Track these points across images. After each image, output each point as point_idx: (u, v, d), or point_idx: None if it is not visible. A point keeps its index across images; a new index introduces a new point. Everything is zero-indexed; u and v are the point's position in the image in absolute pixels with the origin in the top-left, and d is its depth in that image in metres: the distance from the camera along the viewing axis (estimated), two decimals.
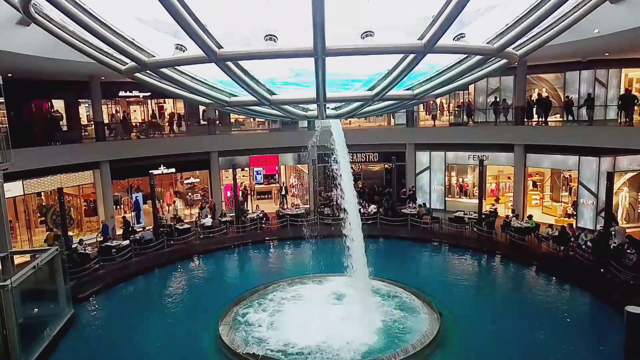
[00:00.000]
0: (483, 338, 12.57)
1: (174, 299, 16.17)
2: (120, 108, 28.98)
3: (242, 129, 28.33)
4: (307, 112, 9.87)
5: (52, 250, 13.75)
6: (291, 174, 29.67)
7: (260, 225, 22.75)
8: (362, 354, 11.56)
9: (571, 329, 13.10)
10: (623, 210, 20.79)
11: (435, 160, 25.53)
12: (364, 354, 11.58)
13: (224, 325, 13.41)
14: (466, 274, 17.92)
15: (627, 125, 19.10)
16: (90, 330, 14.14)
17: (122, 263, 18.55)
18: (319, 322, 12.88)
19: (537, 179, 25.07)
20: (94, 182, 22.10)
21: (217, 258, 20.17)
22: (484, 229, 20.50)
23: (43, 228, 21.11)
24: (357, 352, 11.66)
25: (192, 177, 27.97)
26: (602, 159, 19.76)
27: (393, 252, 20.48)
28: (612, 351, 10.47)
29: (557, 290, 15.89)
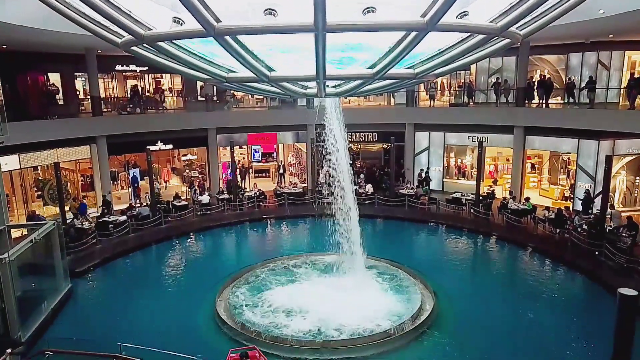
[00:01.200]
0: (477, 316, 12.74)
1: (171, 274, 16.28)
2: (124, 81, 28.65)
3: (240, 107, 28.06)
4: (306, 90, 9.77)
5: (49, 224, 13.76)
6: (289, 153, 29.57)
7: (257, 203, 22.79)
8: (359, 327, 11.78)
9: (564, 310, 13.27)
10: (620, 194, 20.86)
11: (434, 141, 25.44)
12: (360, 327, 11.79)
13: (220, 301, 13.54)
14: (462, 255, 18.06)
15: (628, 109, 18.98)
16: (87, 303, 14.27)
17: (119, 238, 18.62)
18: (315, 299, 13.02)
19: (535, 161, 25.07)
20: (90, 157, 21.98)
21: (214, 235, 20.25)
22: (481, 211, 20.58)
23: (40, 202, 21.10)
24: (353, 324, 11.90)
25: (189, 153, 27.86)
26: (602, 142, 19.71)
27: (390, 232, 20.58)
28: (603, 332, 10.60)
29: (551, 272, 16.05)
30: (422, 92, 26.84)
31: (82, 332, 12.03)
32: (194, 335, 12.04)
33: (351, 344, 11.10)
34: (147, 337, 11.15)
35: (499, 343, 11.50)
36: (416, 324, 11.91)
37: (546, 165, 24.80)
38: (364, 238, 14.31)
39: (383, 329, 11.58)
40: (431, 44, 7.48)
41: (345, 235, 13.82)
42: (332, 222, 14.07)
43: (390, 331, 11.46)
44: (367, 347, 11.06)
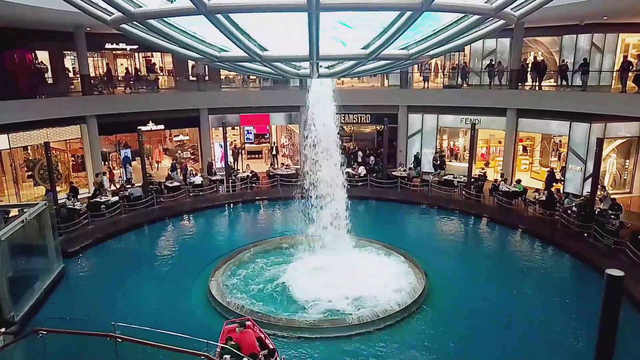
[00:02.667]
0: (466, 296, 12.97)
1: (164, 255, 16.31)
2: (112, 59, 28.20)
3: (232, 87, 27.76)
4: (299, 70, 9.68)
5: (40, 204, 13.66)
6: (282, 134, 29.44)
7: (250, 184, 22.75)
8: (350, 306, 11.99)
9: (551, 290, 13.52)
10: (610, 177, 21.07)
11: (427, 123, 25.42)
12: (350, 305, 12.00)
13: (213, 281, 13.63)
14: (452, 236, 18.25)
15: (620, 92, 19.04)
16: (80, 284, 14.29)
17: (111, 219, 18.57)
18: (308, 277, 13.15)
19: (527, 143, 25.19)
20: (81, 137, 21.73)
21: (207, 216, 20.25)
22: (473, 193, 20.73)
23: (30, 182, 20.92)
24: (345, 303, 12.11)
25: (181, 134, 27.64)
26: (593, 125, 19.81)
27: (382, 214, 20.70)
28: (589, 311, 10.83)
29: (540, 253, 16.30)
30: (415, 74, 26.70)
31: (75, 312, 12.06)
32: (187, 314, 12.14)
33: (335, 324, 11.27)
34: (141, 317, 11.23)
35: (487, 322, 11.71)
36: (407, 304, 12.08)
37: (538, 147, 24.94)
38: (355, 219, 14.40)
39: (371, 311, 11.76)
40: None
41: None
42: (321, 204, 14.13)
43: (377, 314, 11.63)
44: (352, 327, 11.21)
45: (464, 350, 10.57)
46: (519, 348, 10.69)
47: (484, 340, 10.94)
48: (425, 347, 10.66)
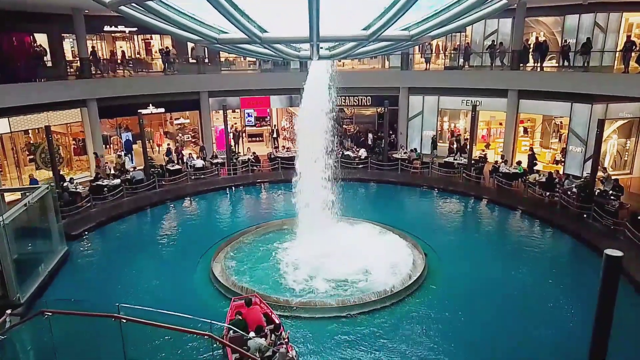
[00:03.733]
0: (465, 276, 13.13)
1: (167, 237, 16.44)
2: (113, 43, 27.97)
3: (232, 69, 27.56)
4: (299, 52, 9.63)
5: (43, 188, 13.74)
6: (283, 117, 29.35)
7: (251, 167, 22.78)
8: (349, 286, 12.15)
9: (550, 270, 13.67)
10: (611, 158, 21.06)
11: (428, 105, 25.31)
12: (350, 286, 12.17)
13: (216, 263, 13.78)
14: (452, 218, 18.35)
15: (623, 72, 18.90)
16: (84, 266, 14.45)
17: (113, 202, 18.67)
18: (308, 259, 13.30)
19: (528, 125, 25.11)
20: (82, 121, 21.70)
21: (208, 199, 20.35)
22: (473, 175, 20.76)
23: (32, 166, 20.96)
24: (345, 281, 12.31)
25: (182, 117, 27.57)
26: (595, 106, 19.73)
27: (382, 196, 20.76)
28: (587, 291, 10.95)
29: (540, 234, 16.41)
30: (417, 55, 26.48)
31: (79, 294, 12.25)
32: (190, 295, 12.32)
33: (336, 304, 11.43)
34: (144, 298, 11.42)
35: (485, 301, 11.87)
36: (406, 285, 12.23)
37: (538, 129, 24.87)
38: (355, 202, 14.47)
39: (371, 290, 11.94)
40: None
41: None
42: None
43: (376, 294, 11.79)
44: (354, 306, 11.38)
45: (463, 328, 10.74)
46: (516, 326, 10.85)
47: (482, 319, 11.11)
48: (425, 324, 10.84)
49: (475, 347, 10.15)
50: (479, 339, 10.42)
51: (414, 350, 9.95)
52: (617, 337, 6.90)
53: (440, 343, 10.22)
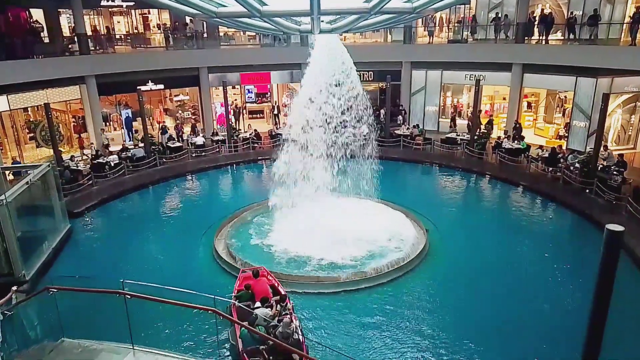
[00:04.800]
0: (466, 251, 13.22)
1: (170, 214, 16.52)
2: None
3: (232, 44, 27.14)
4: (300, 26, 9.45)
5: (44, 166, 13.73)
6: (283, 93, 29.06)
7: (252, 145, 22.69)
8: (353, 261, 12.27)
9: (551, 245, 13.74)
10: (614, 133, 20.89)
11: (431, 80, 24.99)
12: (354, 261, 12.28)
13: (219, 239, 13.86)
14: (454, 194, 18.35)
15: (629, 45, 18.55)
16: (87, 243, 14.56)
17: (115, 180, 18.68)
18: (310, 237, 13.35)
19: (532, 99, 24.84)
20: (81, 98, 21.53)
21: (210, 176, 20.34)
22: (475, 150, 20.65)
23: (33, 144, 20.92)
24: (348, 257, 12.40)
25: (181, 94, 27.32)
26: (600, 80, 19.45)
27: (384, 173, 20.65)
28: (588, 265, 11.02)
29: (541, 209, 16.42)
30: (420, 28, 26.01)
31: (83, 271, 12.37)
32: (194, 272, 12.44)
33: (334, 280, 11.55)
34: (148, 275, 11.52)
35: (486, 276, 11.97)
36: (407, 260, 12.31)
37: (542, 103, 24.61)
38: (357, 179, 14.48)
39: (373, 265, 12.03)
40: None
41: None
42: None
43: (380, 269, 11.88)
44: (355, 282, 11.49)
45: (463, 301, 10.86)
46: (516, 299, 10.97)
47: (483, 293, 11.21)
48: (426, 299, 10.96)
49: (476, 319, 10.28)
50: (479, 311, 10.54)
51: (413, 325, 10.08)
52: (616, 311, 6.95)
53: (441, 316, 10.36)
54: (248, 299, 9.75)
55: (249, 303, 9.68)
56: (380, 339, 9.64)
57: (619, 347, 8.51)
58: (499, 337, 9.78)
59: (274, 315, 9.12)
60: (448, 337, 9.70)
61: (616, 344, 8.29)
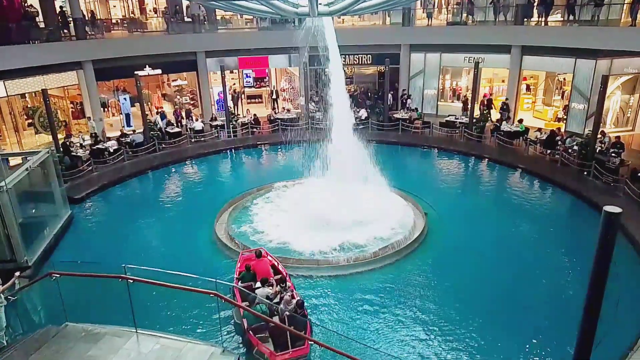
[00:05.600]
0: (464, 234, 13.35)
1: (170, 200, 16.57)
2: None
3: (229, 28, 26.86)
4: (297, 9, 9.38)
5: (43, 152, 13.73)
6: (282, 77, 28.89)
7: (251, 129, 22.64)
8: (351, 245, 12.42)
9: (549, 227, 13.84)
10: (613, 115, 20.86)
11: (429, 63, 24.83)
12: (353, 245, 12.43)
13: (219, 224, 13.94)
14: (453, 177, 18.40)
15: (630, 26, 18.40)
16: (88, 229, 14.64)
17: (114, 166, 18.69)
18: (310, 221, 13.45)
19: (530, 82, 24.74)
20: (78, 84, 21.39)
21: (210, 162, 20.34)
22: (474, 133, 20.64)
23: (31, 130, 20.86)
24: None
25: (179, 79, 27.15)
26: (599, 62, 19.36)
27: (383, 157, 20.66)
28: (585, 246, 11.15)
29: (540, 191, 16.50)
30: (418, 11, 25.75)
31: (85, 256, 12.47)
32: (195, 256, 12.52)
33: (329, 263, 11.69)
34: (149, 259, 11.61)
35: (484, 257, 12.11)
36: (406, 243, 12.43)
37: (541, 86, 24.52)
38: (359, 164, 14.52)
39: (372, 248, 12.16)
40: None
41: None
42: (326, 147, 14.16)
43: (376, 252, 12.03)
44: (356, 265, 11.63)
45: (462, 281, 11.01)
46: (514, 281, 11.12)
47: (481, 274, 11.36)
48: (425, 280, 11.10)
49: (475, 298, 10.45)
50: (477, 291, 10.70)
51: (412, 304, 10.23)
52: (612, 291, 7.06)
53: (440, 296, 10.51)
54: (250, 280, 10.07)
55: (250, 283, 9.96)
56: (381, 319, 9.82)
57: (615, 324, 8.66)
58: (498, 315, 9.96)
59: (275, 294, 9.37)
60: (448, 316, 9.88)
61: (612, 321, 8.45)
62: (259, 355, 8.43)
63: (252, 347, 8.56)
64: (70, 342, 7.41)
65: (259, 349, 8.39)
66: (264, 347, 8.35)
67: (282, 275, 10.34)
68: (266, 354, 8.25)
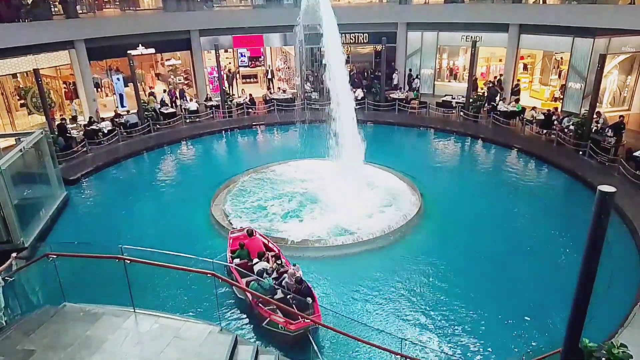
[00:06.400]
0: (460, 213, 13.47)
1: (166, 181, 16.53)
2: None
3: (223, 5, 26.40)
4: None
5: (37, 133, 13.60)
6: (277, 57, 28.54)
7: (247, 110, 22.46)
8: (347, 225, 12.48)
9: (544, 206, 13.95)
10: (610, 94, 20.82)
11: (427, 42, 24.58)
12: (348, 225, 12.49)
13: (215, 205, 13.95)
14: (448, 157, 18.43)
15: (629, 3, 18.24)
16: (84, 210, 14.63)
17: (109, 147, 18.57)
18: (307, 200, 13.48)
19: (528, 61, 24.58)
20: (70, 63, 21.07)
21: (205, 142, 20.24)
22: (470, 113, 20.58)
23: (24, 111, 20.62)
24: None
25: (173, 58, 26.78)
26: (597, 41, 19.22)
27: (379, 137, 20.67)
28: (580, 226, 11.25)
29: (535, 171, 16.57)
30: None
31: (81, 237, 12.50)
32: (191, 236, 12.55)
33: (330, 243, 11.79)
34: (146, 240, 11.64)
35: (479, 236, 12.23)
36: (401, 224, 12.49)
37: (538, 65, 24.37)
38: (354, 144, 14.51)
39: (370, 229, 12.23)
40: None
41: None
42: (322, 127, 14.11)
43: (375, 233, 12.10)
44: (349, 245, 11.73)
45: (457, 259, 11.13)
46: (508, 258, 11.27)
47: (476, 252, 11.48)
48: (422, 257, 11.22)
49: (469, 275, 10.63)
50: (472, 268, 10.87)
51: (410, 281, 10.36)
52: (605, 269, 7.16)
53: (436, 274, 10.66)
54: (245, 257, 10.24)
55: (246, 261, 10.12)
56: (376, 297, 9.94)
57: (607, 301, 8.82)
58: (492, 290, 10.13)
59: (273, 269, 9.55)
60: (444, 291, 10.08)
61: (604, 298, 8.62)
62: (270, 326, 8.52)
63: (262, 320, 8.65)
64: (69, 322, 7.46)
65: (272, 319, 8.49)
66: (278, 317, 8.49)
67: (276, 252, 10.50)
68: (281, 323, 8.39)
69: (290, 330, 8.22)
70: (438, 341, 8.79)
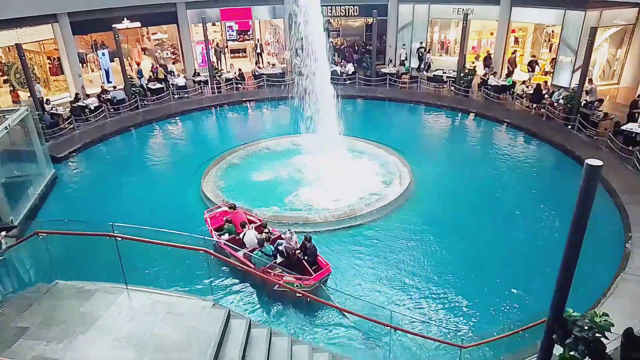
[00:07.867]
0: (449, 187, 13.62)
1: (155, 158, 16.42)
2: None
3: None
4: None
5: (22, 110, 13.35)
6: (266, 30, 28.04)
7: (236, 85, 22.17)
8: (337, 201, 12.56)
9: (532, 179, 14.13)
10: (600, 68, 20.82)
11: (418, 14, 24.25)
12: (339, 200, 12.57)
13: (206, 182, 13.91)
14: (439, 132, 18.48)
15: None
16: (73, 188, 14.52)
17: (96, 123, 18.31)
18: (296, 176, 13.48)
19: (519, 34, 24.40)
20: (54, 38, 20.53)
21: (194, 119, 20.03)
22: (461, 88, 20.51)
23: (7, 87, 20.17)
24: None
25: (159, 32, 26.20)
26: (588, 13, 19.09)
27: (369, 112, 20.60)
28: (567, 199, 11.42)
29: (524, 145, 16.69)
30: None
31: (71, 214, 12.39)
32: (181, 213, 12.55)
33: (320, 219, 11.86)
34: (136, 217, 11.60)
35: (468, 209, 12.39)
36: (391, 200, 12.58)
37: (529, 39, 24.22)
38: (342, 119, 14.44)
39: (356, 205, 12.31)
40: None
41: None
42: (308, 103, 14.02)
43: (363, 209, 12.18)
44: (339, 221, 11.82)
45: (445, 232, 11.31)
46: (497, 230, 11.49)
47: (465, 225, 11.68)
48: (411, 233, 11.35)
49: (455, 247, 10.81)
50: (459, 241, 11.06)
51: (400, 255, 10.52)
52: (590, 240, 7.30)
53: (423, 246, 10.85)
54: (233, 232, 10.49)
55: (234, 235, 10.38)
56: (371, 267, 10.14)
57: (591, 272, 9.04)
58: (481, 264, 10.31)
59: (263, 239, 9.78)
60: (434, 265, 10.25)
61: (589, 268, 8.81)
62: (282, 289, 8.85)
63: (272, 286, 8.99)
64: (62, 299, 7.49)
65: (284, 282, 8.80)
66: (291, 277, 8.87)
67: (261, 221, 10.76)
68: (295, 282, 8.78)
69: (307, 286, 8.69)
70: (425, 313, 9.01)
